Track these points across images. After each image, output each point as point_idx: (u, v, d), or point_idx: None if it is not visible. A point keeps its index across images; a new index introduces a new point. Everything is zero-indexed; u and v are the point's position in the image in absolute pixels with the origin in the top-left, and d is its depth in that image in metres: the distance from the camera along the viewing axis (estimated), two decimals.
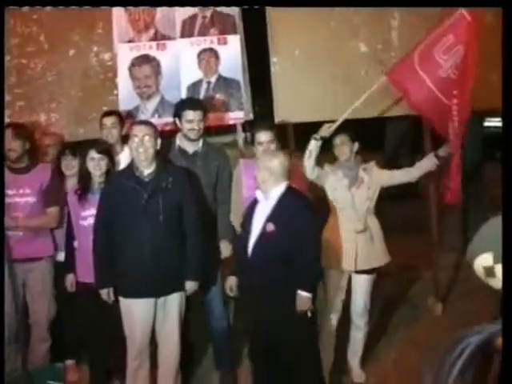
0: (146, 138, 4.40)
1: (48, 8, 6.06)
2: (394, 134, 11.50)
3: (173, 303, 4.50)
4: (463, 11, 4.59)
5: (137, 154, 4.40)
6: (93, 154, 4.76)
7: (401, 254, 7.41)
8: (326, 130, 4.89)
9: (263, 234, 4.25)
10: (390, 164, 6.37)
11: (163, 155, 4.87)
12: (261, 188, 4.37)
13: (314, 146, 4.87)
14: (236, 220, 4.92)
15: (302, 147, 5.17)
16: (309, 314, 4.27)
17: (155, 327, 4.53)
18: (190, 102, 5.15)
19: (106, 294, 4.45)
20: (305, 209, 4.29)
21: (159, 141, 4.51)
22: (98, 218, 4.51)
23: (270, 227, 4.22)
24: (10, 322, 4.88)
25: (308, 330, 4.35)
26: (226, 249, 4.97)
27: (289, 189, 4.36)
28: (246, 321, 4.64)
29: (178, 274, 4.46)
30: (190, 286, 4.51)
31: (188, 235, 4.51)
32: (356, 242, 4.94)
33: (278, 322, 4.25)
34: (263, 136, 4.87)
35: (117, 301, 4.49)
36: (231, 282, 4.56)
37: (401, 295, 6.73)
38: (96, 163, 4.75)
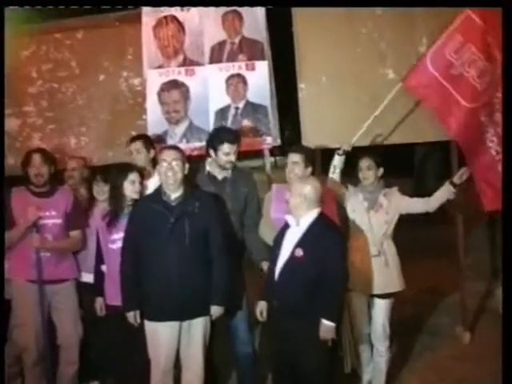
0: (174, 162, 4.43)
1: (79, 35, 6.18)
2: (423, 160, 11.48)
3: (197, 327, 4.49)
4: (469, 12, 4.75)
5: (165, 178, 4.43)
6: (134, 177, 4.78)
7: (428, 280, 7.38)
8: (347, 144, 5.12)
9: (291, 258, 4.25)
10: (417, 190, 6.33)
11: (190, 180, 4.91)
12: (293, 213, 4.38)
13: (337, 161, 5.12)
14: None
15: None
16: (329, 344, 4.26)
17: (180, 350, 4.52)
18: (228, 136, 5.03)
19: (132, 316, 4.45)
20: (334, 237, 4.31)
21: (187, 166, 4.54)
22: (125, 240, 4.54)
23: (299, 252, 4.23)
24: (37, 344, 4.92)
25: (330, 358, 4.33)
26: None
27: (320, 215, 4.37)
28: (271, 346, 4.62)
29: (204, 298, 4.45)
30: (216, 310, 4.50)
31: (214, 260, 4.51)
32: (370, 265, 4.98)
33: (300, 347, 4.23)
34: (291, 157, 4.88)
35: (142, 323, 4.49)
36: (261, 306, 4.53)
37: (427, 322, 6.65)
38: (136, 186, 4.78)
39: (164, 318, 4.40)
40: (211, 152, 5.00)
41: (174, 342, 4.45)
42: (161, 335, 4.42)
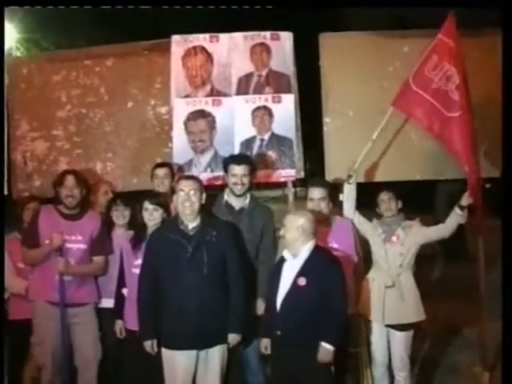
0: (192, 192, 4.47)
1: (109, 62, 6.27)
2: (444, 196, 11.44)
3: (215, 355, 4.49)
4: (440, 36, 5.29)
5: (183, 207, 4.46)
6: (147, 204, 4.85)
7: (448, 317, 7.32)
8: (351, 170, 5.26)
9: (294, 288, 4.30)
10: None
11: (208, 209, 4.92)
12: (290, 246, 4.42)
13: (347, 189, 5.23)
14: None
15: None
16: (332, 369, 4.30)
17: (196, 379, 4.51)
18: (236, 157, 5.25)
19: (149, 345, 4.46)
20: (333, 266, 4.36)
21: (204, 195, 4.58)
22: (143, 269, 4.57)
23: (302, 282, 4.28)
24: (54, 362, 4.96)
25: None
26: (262, 307, 4.90)
27: (316, 246, 4.44)
28: (275, 375, 4.59)
29: (222, 326, 4.47)
30: (233, 338, 4.51)
31: (231, 288, 4.53)
32: (384, 296, 5.02)
33: (304, 375, 4.25)
34: (315, 192, 4.94)
35: (160, 351, 4.50)
36: (265, 343, 4.54)
37: (445, 360, 6.58)
38: (150, 214, 4.83)
39: (182, 346, 4.41)
40: (226, 177, 5.11)
41: (191, 370, 4.45)
42: (178, 363, 4.42)
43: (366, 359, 5.18)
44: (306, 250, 4.38)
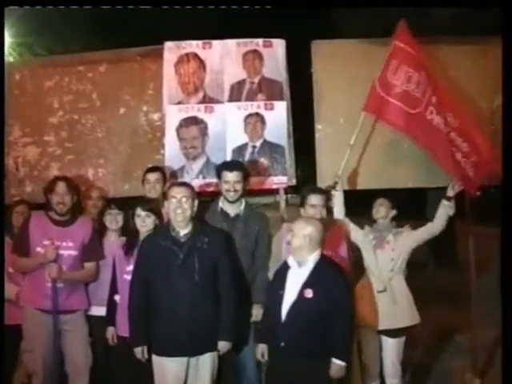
0: (184, 199, 4.48)
1: (102, 68, 6.27)
2: (435, 204, 11.47)
3: (205, 363, 4.50)
4: (396, 42, 5.56)
5: (174, 215, 4.47)
6: (139, 211, 4.86)
7: (439, 324, 7.34)
8: (336, 177, 5.42)
9: (300, 299, 4.29)
10: None
11: (201, 216, 4.95)
12: (295, 254, 4.42)
13: (335, 197, 5.32)
14: None
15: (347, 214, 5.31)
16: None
17: None
18: (228, 164, 5.28)
19: (140, 352, 4.46)
20: (339, 277, 4.39)
21: (196, 202, 4.58)
22: (134, 275, 4.57)
23: (309, 293, 4.27)
24: (45, 369, 4.95)
25: None
26: (258, 313, 4.92)
27: (323, 256, 4.44)
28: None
29: (212, 333, 4.47)
30: (223, 346, 4.51)
31: (222, 295, 4.54)
32: (377, 301, 5.06)
33: None
34: (316, 199, 4.95)
35: (150, 358, 4.49)
36: (262, 349, 4.55)
37: (437, 367, 6.60)
38: (142, 220, 4.85)
39: (172, 353, 4.42)
40: (219, 183, 5.14)
41: (182, 377, 4.45)
42: (168, 370, 4.42)
43: (357, 366, 5.18)
44: (312, 259, 4.38)
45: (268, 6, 6.48)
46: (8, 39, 12.98)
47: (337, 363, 4.24)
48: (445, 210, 5.18)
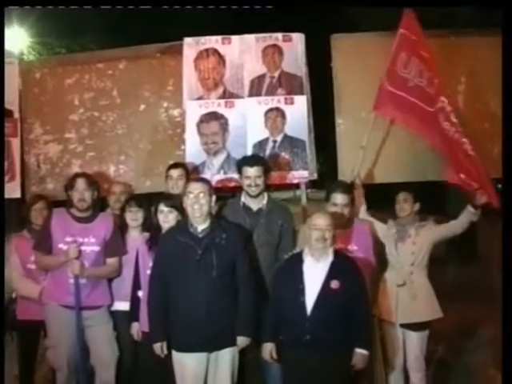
0: (201, 195, 4.46)
1: (121, 65, 6.30)
2: (458, 197, 11.38)
3: (225, 358, 4.49)
4: (402, 31, 5.41)
5: (192, 210, 4.46)
6: (162, 207, 4.86)
7: (462, 319, 7.28)
8: (353, 176, 5.47)
9: (326, 291, 4.27)
10: None
11: (223, 212, 4.99)
12: (315, 247, 4.37)
13: (355, 194, 5.23)
14: None
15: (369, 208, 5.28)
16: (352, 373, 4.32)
17: (207, 382, 4.50)
18: (248, 159, 5.24)
19: (159, 348, 4.45)
20: (356, 269, 4.41)
21: (214, 198, 4.57)
22: (153, 272, 4.57)
23: (335, 284, 4.26)
24: (69, 365, 4.97)
25: None
26: None
27: (336, 250, 4.45)
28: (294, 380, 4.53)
29: (231, 329, 4.46)
30: (242, 341, 4.49)
31: (240, 291, 4.52)
32: (397, 295, 5.04)
33: (327, 379, 4.24)
34: (339, 198, 4.90)
35: (170, 354, 4.48)
36: (269, 348, 4.49)
37: (460, 362, 6.55)
38: (165, 216, 4.84)
39: (191, 349, 4.40)
40: (240, 179, 5.13)
41: (202, 373, 4.44)
42: (187, 366, 4.41)
43: (380, 361, 5.16)
44: (331, 252, 4.37)
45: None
46: (28, 39, 13.10)
47: (360, 352, 4.25)
48: (469, 215, 5.10)
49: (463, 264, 8.86)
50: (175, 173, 5.36)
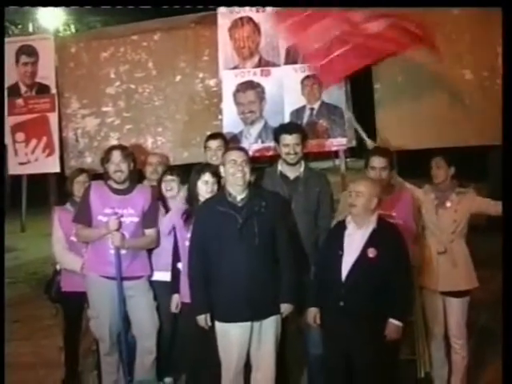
0: (244, 163, 4.44)
1: (156, 36, 6.30)
2: (497, 163, 11.23)
3: (268, 326, 4.48)
4: None
5: (234, 179, 4.42)
6: (208, 177, 4.84)
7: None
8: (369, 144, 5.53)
9: (363, 259, 4.25)
10: (493, 194, 6.23)
11: (260, 181, 4.99)
12: (356, 214, 4.36)
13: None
14: None
15: (405, 174, 5.19)
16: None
17: (250, 351, 4.50)
18: (287, 126, 5.20)
19: (203, 320, 4.43)
20: (398, 238, 4.34)
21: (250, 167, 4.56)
22: (192, 243, 4.54)
23: (372, 252, 4.23)
24: (111, 335, 5.06)
25: (391, 359, 4.36)
26: None
27: (380, 217, 4.40)
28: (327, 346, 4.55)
29: (275, 297, 4.47)
30: (285, 308, 4.50)
31: (281, 259, 4.50)
32: (438, 262, 4.98)
33: (361, 347, 4.24)
34: (377, 161, 4.88)
35: (213, 325, 4.49)
36: (314, 312, 4.51)
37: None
38: (209, 186, 4.82)
39: (235, 318, 4.40)
40: (277, 147, 5.10)
41: (246, 342, 4.44)
42: (232, 336, 4.42)
43: (421, 328, 5.15)
44: (373, 219, 4.33)
45: None
46: (63, 15, 13.19)
47: (394, 323, 4.21)
48: None
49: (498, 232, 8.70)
50: (214, 144, 5.33)
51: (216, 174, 4.81)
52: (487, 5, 5.37)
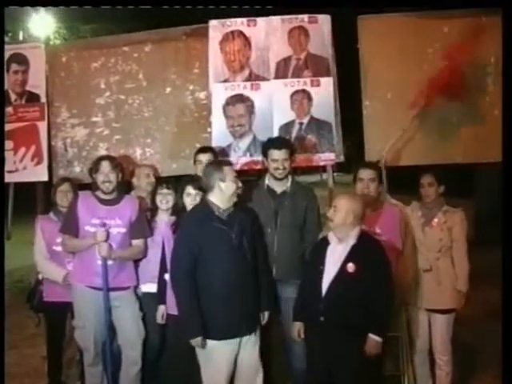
0: (236, 178, 4.48)
1: (147, 48, 6.30)
2: (485, 181, 11.30)
3: (252, 338, 4.50)
4: None
5: (231, 193, 4.43)
6: (190, 189, 4.87)
7: (490, 305, 7.22)
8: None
9: (342, 274, 4.27)
10: (479, 212, 6.29)
11: (244, 194, 4.91)
12: (337, 229, 4.38)
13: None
14: None
15: (393, 191, 5.22)
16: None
17: (236, 363, 4.50)
18: (275, 141, 5.22)
19: (198, 342, 4.34)
20: (380, 253, 4.35)
21: None
22: (180, 267, 4.41)
23: (351, 268, 4.25)
24: (96, 345, 5.06)
25: (373, 374, 4.35)
26: None
27: (363, 232, 4.42)
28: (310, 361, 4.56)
29: (259, 309, 4.53)
30: (265, 316, 4.61)
31: (260, 270, 4.58)
32: (422, 280, 5.04)
33: (343, 362, 4.24)
34: (365, 173, 4.95)
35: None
36: (298, 327, 4.54)
37: (486, 348, 6.51)
38: (193, 199, 4.85)
39: (227, 335, 4.38)
40: (265, 161, 5.12)
41: (233, 358, 4.45)
42: (221, 353, 4.39)
43: (406, 344, 5.17)
44: (353, 234, 4.34)
45: None
46: (54, 24, 13.16)
47: (374, 338, 4.22)
48: None
49: (486, 248, 8.76)
50: (204, 157, 5.35)
51: (201, 187, 4.80)
52: (487, 5, 5.40)
